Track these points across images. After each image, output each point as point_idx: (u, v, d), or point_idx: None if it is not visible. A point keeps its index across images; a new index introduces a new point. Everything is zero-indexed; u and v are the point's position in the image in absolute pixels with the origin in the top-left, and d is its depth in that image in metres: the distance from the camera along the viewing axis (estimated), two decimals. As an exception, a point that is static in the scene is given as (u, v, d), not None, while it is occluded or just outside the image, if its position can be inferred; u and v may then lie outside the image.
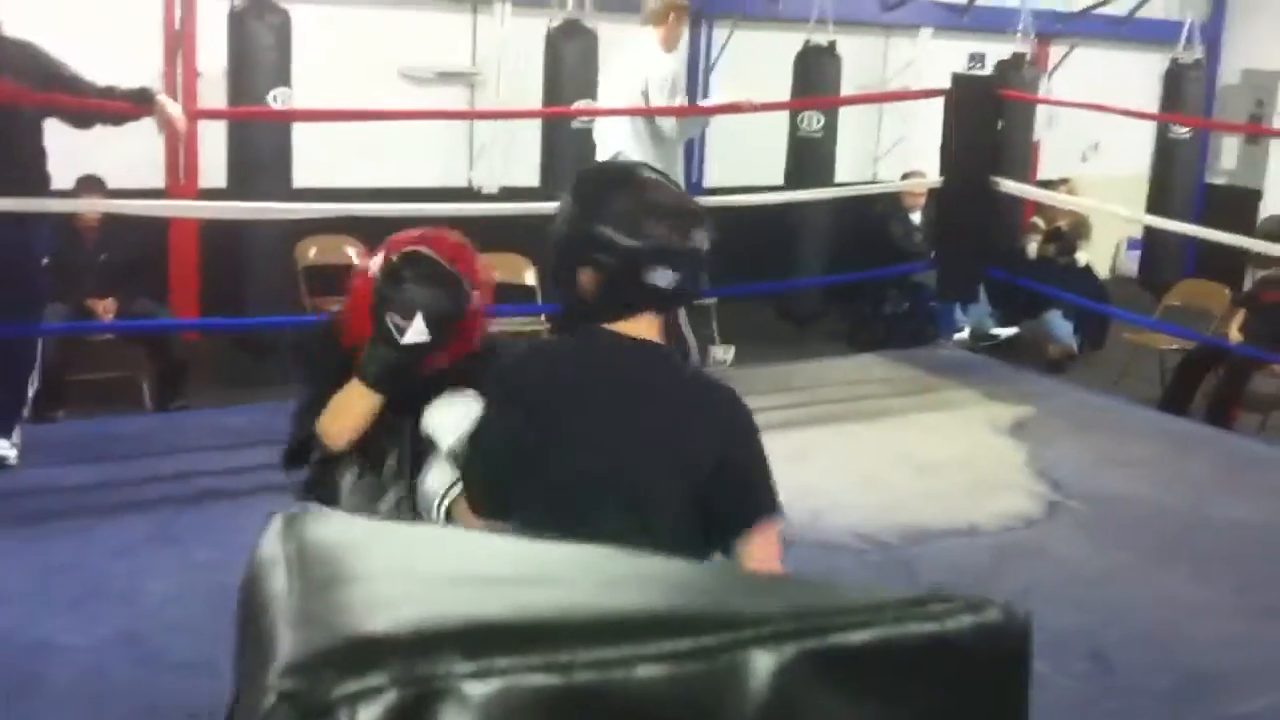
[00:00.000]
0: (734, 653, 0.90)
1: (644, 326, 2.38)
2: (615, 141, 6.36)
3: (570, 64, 7.52)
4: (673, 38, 6.50)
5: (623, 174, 2.62)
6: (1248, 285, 8.30)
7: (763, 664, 0.90)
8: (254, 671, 0.89)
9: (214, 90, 7.01)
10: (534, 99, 7.54)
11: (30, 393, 5.40)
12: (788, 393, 6.81)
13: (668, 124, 6.33)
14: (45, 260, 5.36)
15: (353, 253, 7.67)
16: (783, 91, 8.21)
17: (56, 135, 5.24)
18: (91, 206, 6.22)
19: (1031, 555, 4.92)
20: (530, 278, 7.63)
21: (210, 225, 7.15)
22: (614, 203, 2.34)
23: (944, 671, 0.98)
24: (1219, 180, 11.17)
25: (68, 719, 3.53)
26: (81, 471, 5.22)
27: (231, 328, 7.01)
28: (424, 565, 1.01)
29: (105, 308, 6.34)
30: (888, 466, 5.84)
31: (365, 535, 1.05)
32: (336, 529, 1.05)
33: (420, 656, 0.84)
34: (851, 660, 0.94)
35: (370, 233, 7.46)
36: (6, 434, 5.24)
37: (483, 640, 0.86)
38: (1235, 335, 7.26)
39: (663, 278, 2.32)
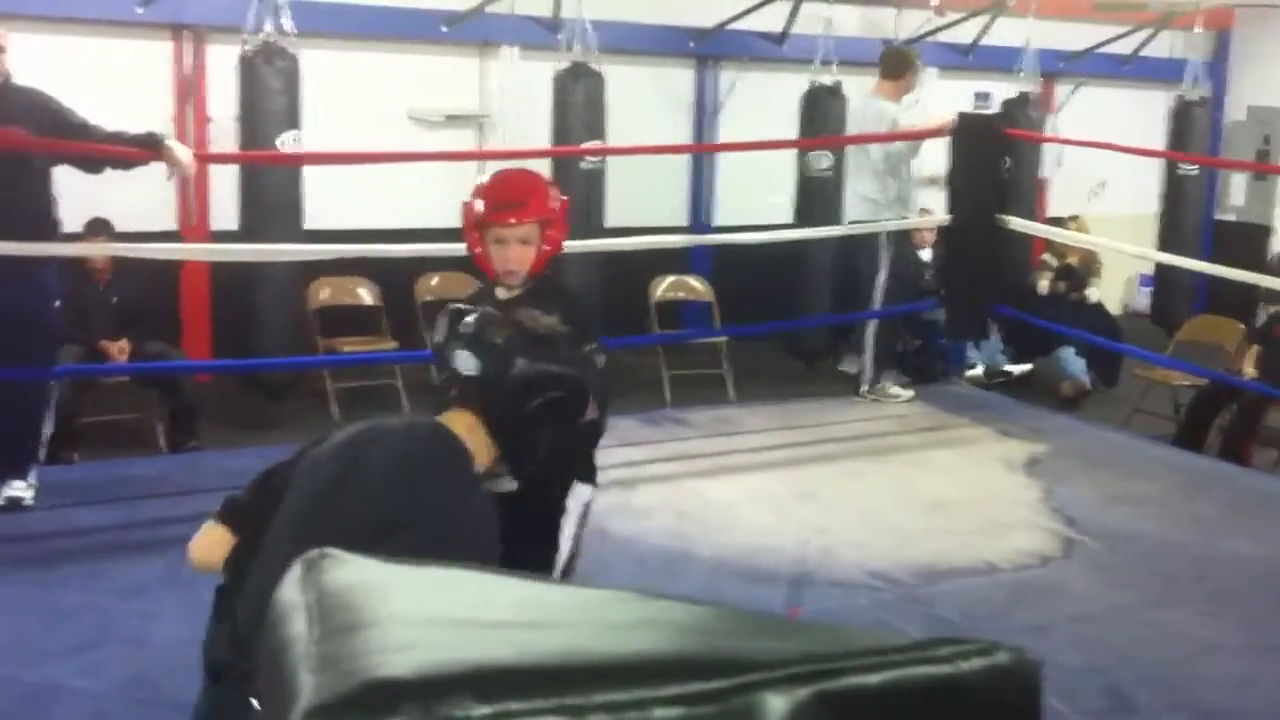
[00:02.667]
0: (747, 695, 0.90)
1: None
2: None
3: (577, 106, 7.56)
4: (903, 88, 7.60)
5: None
6: (1260, 321, 8.28)
7: (775, 706, 0.90)
8: (275, 713, 0.90)
9: (225, 135, 7.07)
10: (542, 141, 7.59)
11: (44, 435, 5.42)
12: (798, 430, 6.81)
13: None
14: (56, 303, 5.40)
15: (364, 293, 7.71)
16: (789, 132, 8.25)
17: (68, 178, 5.29)
18: (104, 250, 6.26)
19: (1046, 593, 4.90)
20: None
21: (222, 267, 7.19)
22: None
23: (955, 714, 0.99)
24: (1228, 216, 11.18)
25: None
26: (94, 513, 5.23)
27: (244, 369, 7.03)
28: (438, 609, 1.02)
29: (119, 349, 6.37)
30: (900, 504, 5.83)
31: (382, 579, 1.06)
32: (354, 574, 1.06)
33: (436, 700, 0.85)
34: (864, 703, 0.94)
35: (381, 274, 7.57)
36: (22, 475, 5.26)
37: (496, 684, 0.87)
38: (1250, 371, 7.24)
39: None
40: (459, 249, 3.50)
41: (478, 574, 1.11)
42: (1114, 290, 10.56)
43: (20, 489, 5.23)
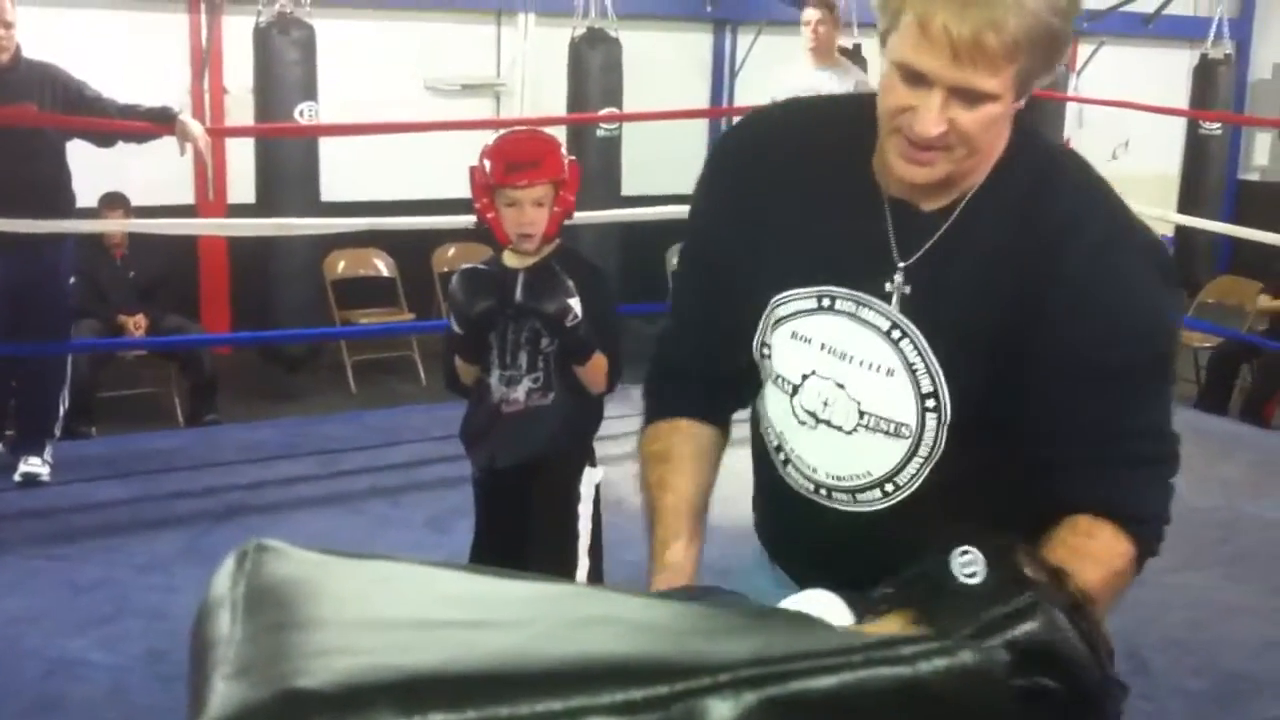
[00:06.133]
0: (688, 701, 0.85)
1: None
2: None
3: (594, 72, 7.51)
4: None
5: None
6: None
7: (720, 712, 0.86)
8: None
9: (242, 107, 7.05)
10: (559, 108, 7.54)
11: (61, 410, 5.43)
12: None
13: None
14: (72, 279, 5.41)
15: (380, 264, 7.70)
16: (808, 95, 8.17)
17: (82, 151, 5.28)
18: (122, 226, 6.26)
19: (1065, 558, 4.86)
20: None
21: (239, 240, 7.19)
22: None
23: (915, 715, 0.94)
24: (1252, 176, 11.05)
25: (93, 738, 3.54)
26: (113, 488, 5.24)
27: (259, 341, 7.03)
28: (374, 608, 0.96)
29: (136, 324, 6.37)
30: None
31: (318, 576, 1.00)
32: (288, 569, 0.99)
33: (352, 713, 0.81)
34: (814, 707, 0.89)
35: (398, 245, 7.54)
36: (39, 452, 5.28)
37: (418, 694, 0.82)
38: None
39: None
40: (474, 220, 3.42)
41: (426, 568, 1.04)
42: (1137, 252, 10.45)
43: (37, 465, 5.25)
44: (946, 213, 1.53)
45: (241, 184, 7.03)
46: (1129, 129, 9.94)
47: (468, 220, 3.51)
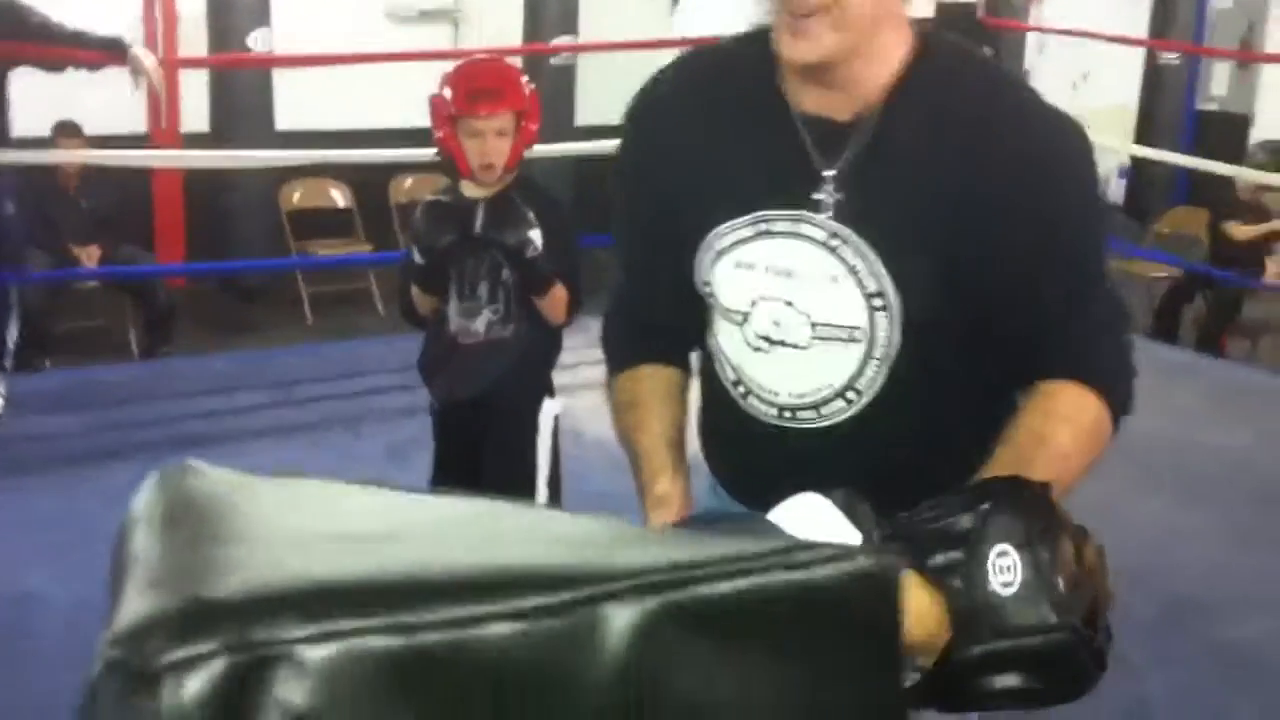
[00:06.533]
0: (590, 608, 0.87)
1: None
2: None
3: (551, 1, 7.44)
4: None
5: None
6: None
7: (621, 619, 0.87)
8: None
9: (195, 32, 6.93)
10: (516, 35, 7.46)
11: (10, 343, 5.35)
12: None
13: None
14: (11, 209, 5.28)
15: (336, 195, 7.64)
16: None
17: (34, 79, 5.17)
18: (72, 157, 6.17)
19: (1020, 486, 4.92)
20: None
21: (195, 170, 7.10)
22: None
23: (809, 621, 0.95)
24: (1210, 106, 11.09)
25: (55, 670, 3.51)
26: (68, 420, 5.20)
27: (213, 272, 6.98)
28: (289, 525, 0.96)
29: (89, 255, 6.30)
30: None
31: (236, 494, 1.00)
32: (209, 488, 1.00)
33: (256, 621, 0.81)
34: (713, 611, 0.91)
35: (354, 176, 7.47)
36: (-11, 385, 5.21)
37: (325, 602, 0.83)
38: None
39: None
40: (433, 152, 3.39)
41: (346, 486, 1.05)
42: (1094, 183, 10.50)
43: (-12, 398, 5.19)
44: (860, 120, 1.57)
45: (195, 112, 6.93)
46: (1089, 61, 9.94)
47: (427, 153, 3.47)
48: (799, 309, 1.60)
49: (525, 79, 3.36)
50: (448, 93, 3.20)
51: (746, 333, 1.65)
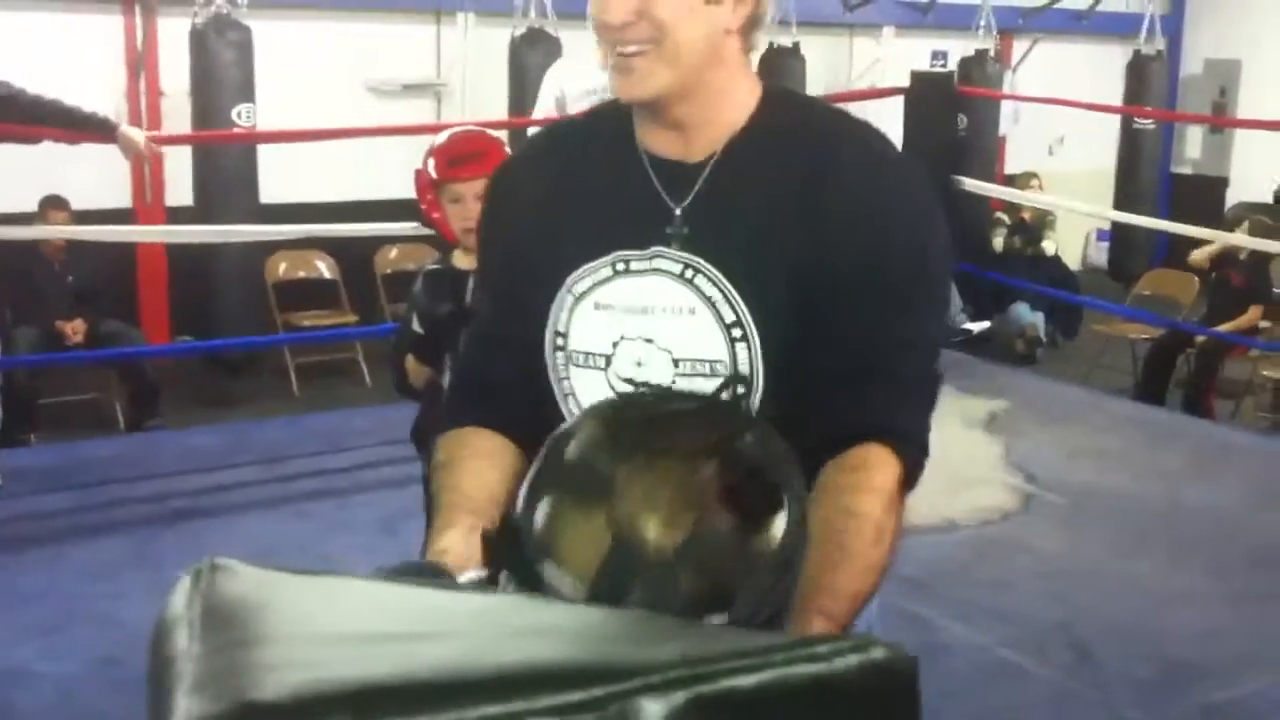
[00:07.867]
0: (623, 702, 0.91)
1: None
2: None
3: (534, 72, 7.48)
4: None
5: None
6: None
7: (652, 712, 0.91)
8: None
9: (178, 108, 6.98)
10: (500, 108, 7.53)
11: (-5, 420, 5.35)
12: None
13: None
14: None
15: (322, 266, 7.66)
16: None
17: (17, 153, 5.20)
18: (58, 233, 6.18)
19: (1008, 549, 4.93)
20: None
21: (179, 243, 7.11)
22: None
23: (833, 712, 0.99)
24: (1184, 170, 11.23)
25: (45, 746, 3.50)
26: (55, 495, 5.17)
27: (200, 351, 6.98)
28: (323, 624, 1.01)
29: (74, 329, 6.29)
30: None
31: (270, 593, 1.05)
32: (242, 587, 1.05)
33: None
34: (739, 704, 0.95)
35: (340, 247, 7.50)
36: (-25, 460, 5.20)
37: (371, 701, 0.87)
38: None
39: None
40: (411, 227, 3.42)
41: (371, 583, 1.11)
42: (1073, 246, 10.60)
43: (-26, 474, 5.17)
44: (709, 160, 1.60)
45: (179, 186, 6.96)
46: (1065, 125, 10.07)
47: (409, 227, 3.50)
48: (660, 345, 1.59)
49: (507, 147, 3.39)
50: (430, 163, 3.24)
51: (610, 376, 1.63)
